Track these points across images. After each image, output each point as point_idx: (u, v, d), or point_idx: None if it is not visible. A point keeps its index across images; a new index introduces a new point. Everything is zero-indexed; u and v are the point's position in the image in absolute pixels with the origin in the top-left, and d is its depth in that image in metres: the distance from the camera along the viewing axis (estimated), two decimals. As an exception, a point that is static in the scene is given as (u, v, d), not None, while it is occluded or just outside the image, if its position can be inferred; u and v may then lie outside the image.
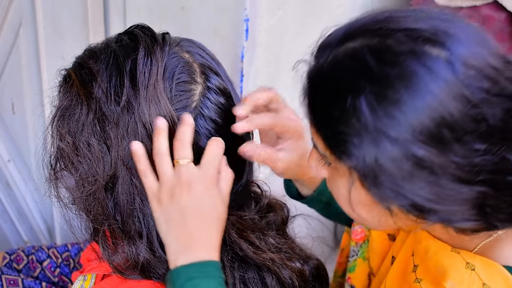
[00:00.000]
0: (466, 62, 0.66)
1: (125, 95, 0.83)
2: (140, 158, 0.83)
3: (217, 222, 0.83)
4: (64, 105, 0.86)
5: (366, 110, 0.66)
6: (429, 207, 0.69)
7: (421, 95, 0.65)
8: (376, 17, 0.72)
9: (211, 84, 0.88)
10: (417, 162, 0.66)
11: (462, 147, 0.66)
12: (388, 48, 0.67)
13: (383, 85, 0.66)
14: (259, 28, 1.37)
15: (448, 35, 0.67)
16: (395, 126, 0.66)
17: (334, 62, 0.71)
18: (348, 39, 0.71)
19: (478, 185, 0.68)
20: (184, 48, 0.89)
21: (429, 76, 0.65)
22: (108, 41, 0.89)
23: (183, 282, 0.78)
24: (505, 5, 1.61)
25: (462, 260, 0.77)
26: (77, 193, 0.87)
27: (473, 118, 0.66)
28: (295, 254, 0.98)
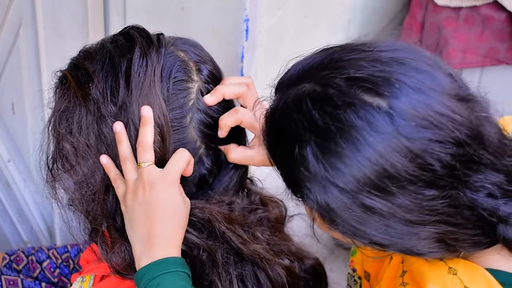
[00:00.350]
0: (406, 113, 0.66)
1: (121, 96, 0.83)
2: (110, 168, 0.85)
3: (176, 219, 0.84)
4: (61, 107, 0.86)
5: (312, 160, 0.68)
6: (387, 244, 0.72)
7: (361, 149, 0.66)
8: (326, 58, 0.72)
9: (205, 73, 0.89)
10: (366, 208, 0.68)
11: (408, 195, 0.67)
12: (330, 99, 0.68)
13: (325, 138, 0.67)
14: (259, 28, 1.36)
15: (389, 84, 0.67)
16: (340, 177, 0.67)
17: (283, 109, 0.72)
18: (298, 83, 0.72)
19: (431, 225, 0.69)
20: (179, 47, 0.90)
21: (368, 129, 0.66)
22: (104, 42, 0.89)
23: (146, 282, 0.79)
24: (505, 5, 1.61)
25: (444, 265, 0.77)
26: (76, 194, 0.87)
27: (418, 167, 0.66)
28: (289, 251, 0.98)
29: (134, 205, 0.83)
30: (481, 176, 0.70)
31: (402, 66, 0.69)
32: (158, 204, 0.82)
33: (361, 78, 0.68)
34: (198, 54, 0.91)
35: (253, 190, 1.01)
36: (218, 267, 0.87)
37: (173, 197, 0.84)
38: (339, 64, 0.71)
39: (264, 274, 0.90)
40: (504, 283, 0.74)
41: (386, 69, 0.68)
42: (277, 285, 0.92)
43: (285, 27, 1.46)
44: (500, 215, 0.71)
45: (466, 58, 1.72)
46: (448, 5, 1.68)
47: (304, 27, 1.53)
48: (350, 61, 0.70)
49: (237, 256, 0.90)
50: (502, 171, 0.71)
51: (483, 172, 0.70)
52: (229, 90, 0.89)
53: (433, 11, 1.72)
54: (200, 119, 0.88)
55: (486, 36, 1.68)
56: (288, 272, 0.95)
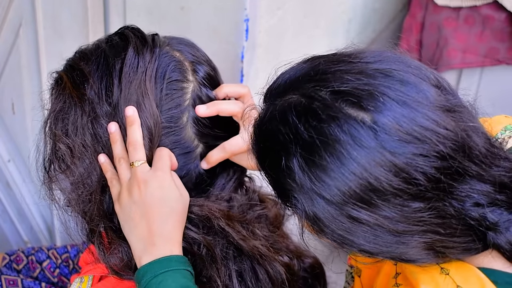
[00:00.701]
0: (390, 127, 0.66)
1: (115, 96, 0.84)
2: (107, 167, 0.86)
3: (174, 215, 0.84)
4: (57, 107, 0.86)
5: (299, 172, 0.69)
6: (376, 252, 0.72)
7: (345, 163, 0.67)
8: (312, 70, 0.73)
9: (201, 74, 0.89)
10: (353, 219, 0.69)
11: (393, 207, 0.68)
12: (314, 113, 0.68)
13: (311, 151, 0.68)
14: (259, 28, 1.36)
15: (373, 98, 0.67)
16: (326, 189, 0.68)
17: (270, 121, 0.73)
18: (285, 93, 0.73)
19: (418, 235, 0.70)
20: (174, 47, 0.90)
21: (352, 143, 0.66)
22: (99, 42, 0.90)
23: (148, 280, 0.79)
24: (505, 5, 1.61)
25: (437, 267, 0.77)
26: (73, 195, 0.87)
27: (402, 180, 0.67)
28: (287, 249, 0.99)
29: (130, 204, 0.83)
30: (466, 186, 0.70)
31: (387, 79, 0.69)
32: (154, 201, 0.83)
33: (346, 91, 0.68)
34: (193, 54, 0.91)
35: (251, 188, 1.01)
36: (217, 262, 0.87)
37: (169, 193, 0.84)
38: (324, 76, 0.71)
39: (264, 270, 0.91)
40: (497, 281, 0.75)
41: (371, 82, 0.68)
42: (277, 282, 0.92)
43: (285, 27, 1.46)
44: (488, 223, 0.72)
45: (466, 58, 1.72)
46: (448, 5, 1.68)
47: (304, 27, 1.52)
48: (335, 73, 0.70)
49: (236, 251, 0.90)
50: (489, 181, 0.71)
51: (469, 182, 0.70)
52: (225, 108, 0.90)
53: (433, 11, 1.72)
54: (197, 118, 0.89)
55: (486, 36, 1.68)
56: (287, 269, 0.95)
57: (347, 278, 1.08)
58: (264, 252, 0.91)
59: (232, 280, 0.88)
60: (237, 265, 0.90)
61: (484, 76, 1.77)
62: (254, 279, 0.90)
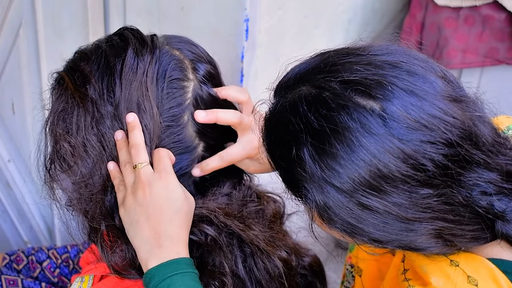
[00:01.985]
0: (398, 115, 0.68)
1: (117, 95, 0.84)
2: (115, 174, 0.86)
3: (180, 216, 0.84)
4: (59, 107, 0.86)
5: (309, 161, 0.70)
6: (385, 240, 0.73)
7: (355, 150, 0.68)
8: (322, 63, 0.74)
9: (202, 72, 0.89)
10: (363, 206, 0.70)
11: (402, 193, 0.69)
12: (324, 102, 0.70)
13: (321, 139, 0.69)
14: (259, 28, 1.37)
15: (382, 87, 0.69)
16: (336, 177, 0.69)
17: (281, 112, 0.74)
18: (295, 86, 0.74)
19: (427, 222, 0.71)
20: (174, 46, 0.90)
21: (361, 131, 0.68)
22: (99, 42, 0.90)
23: (156, 284, 0.79)
24: (505, 5, 1.61)
25: (446, 259, 0.78)
26: (74, 194, 0.87)
27: (411, 167, 0.68)
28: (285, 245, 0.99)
29: (135, 207, 0.83)
30: (474, 174, 0.71)
31: (395, 69, 0.70)
32: (159, 202, 0.83)
33: (355, 81, 0.70)
34: (193, 52, 0.91)
35: (249, 185, 1.01)
36: (222, 249, 0.88)
37: (174, 193, 0.84)
38: (334, 67, 0.72)
39: (261, 262, 0.91)
40: (507, 271, 0.76)
41: (380, 72, 0.70)
42: (274, 274, 0.92)
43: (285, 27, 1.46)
44: (496, 212, 0.73)
45: (466, 58, 1.72)
46: (448, 5, 1.68)
47: (304, 27, 1.53)
48: (345, 64, 0.72)
49: (239, 239, 0.91)
50: (496, 169, 0.73)
51: (476, 171, 0.71)
52: (223, 117, 0.90)
53: (433, 11, 1.72)
54: None
55: (486, 36, 1.68)
56: (285, 264, 0.95)
57: (347, 277, 1.08)
58: (262, 246, 0.91)
59: (238, 266, 0.89)
60: (241, 251, 0.91)
61: (484, 76, 1.77)
62: (255, 268, 0.91)
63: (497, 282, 0.74)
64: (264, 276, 0.92)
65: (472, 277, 0.75)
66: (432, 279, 0.77)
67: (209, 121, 0.89)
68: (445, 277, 0.76)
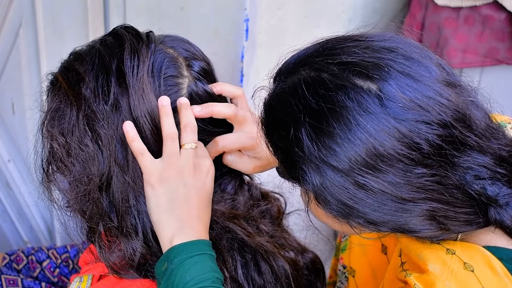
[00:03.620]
0: (394, 95, 0.70)
1: (112, 94, 0.84)
2: (134, 137, 0.85)
3: (210, 205, 0.89)
4: (53, 107, 0.87)
5: (307, 141, 0.71)
6: (380, 221, 0.74)
7: (352, 129, 0.69)
8: (321, 47, 0.77)
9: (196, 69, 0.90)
10: (359, 186, 0.71)
11: (397, 172, 0.70)
12: (322, 82, 0.72)
13: (318, 119, 0.71)
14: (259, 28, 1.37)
15: (379, 68, 0.71)
16: (333, 156, 0.70)
17: (280, 95, 0.76)
18: (294, 71, 0.76)
19: (422, 202, 0.72)
20: (168, 44, 0.91)
21: (358, 110, 0.69)
22: (93, 43, 0.90)
23: (184, 259, 0.81)
24: (505, 5, 1.61)
25: (442, 248, 0.80)
26: (71, 194, 0.87)
27: (406, 146, 0.69)
28: (290, 245, 0.99)
29: (178, 185, 0.85)
30: (468, 157, 0.73)
31: (392, 53, 0.73)
32: (206, 189, 0.87)
33: (353, 62, 0.72)
34: (187, 50, 0.92)
35: (253, 184, 1.01)
36: (223, 254, 0.88)
37: (211, 184, 0.88)
38: (332, 51, 0.74)
39: (267, 265, 0.91)
40: (503, 258, 0.77)
41: (377, 55, 0.72)
42: (280, 276, 0.92)
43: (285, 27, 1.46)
44: (488, 196, 0.74)
45: (466, 58, 1.72)
46: (448, 5, 1.68)
47: (304, 27, 1.53)
48: (343, 48, 0.74)
49: (240, 244, 0.91)
50: (489, 153, 0.74)
51: (470, 154, 0.73)
52: (218, 111, 0.91)
53: (433, 11, 1.72)
54: None
55: (486, 36, 1.68)
56: (294, 265, 0.96)
57: (340, 278, 1.08)
58: (269, 248, 0.91)
59: (237, 271, 0.89)
60: (242, 256, 0.91)
61: (484, 76, 1.77)
62: (257, 271, 0.91)
63: (492, 268, 0.76)
64: (268, 280, 0.92)
65: (468, 263, 0.77)
66: (429, 265, 0.78)
67: (204, 115, 0.90)
68: (441, 263, 0.77)
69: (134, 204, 0.86)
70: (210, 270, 0.81)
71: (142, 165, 0.85)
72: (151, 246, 0.86)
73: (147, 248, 0.86)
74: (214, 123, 0.93)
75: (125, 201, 0.86)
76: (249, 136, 0.94)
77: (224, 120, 0.94)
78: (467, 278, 0.76)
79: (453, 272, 0.76)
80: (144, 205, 0.86)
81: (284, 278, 0.93)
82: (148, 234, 0.86)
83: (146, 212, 0.86)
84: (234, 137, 0.93)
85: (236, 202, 0.96)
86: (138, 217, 0.86)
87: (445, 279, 0.76)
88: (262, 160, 0.96)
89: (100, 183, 0.86)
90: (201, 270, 0.80)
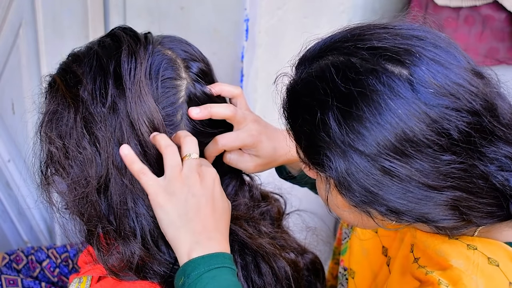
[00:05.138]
0: (426, 80, 0.70)
1: (110, 96, 0.84)
2: (133, 159, 0.83)
3: (226, 212, 0.86)
4: (51, 109, 0.86)
5: (334, 125, 0.70)
6: (404, 210, 0.73)
7: (382, 113, 0.69)
8: (349, 33, 0.76)
9: (194, 70, 0.90)
10: (385, 172, 0.70)
11: (426, 159, 0.70)
12: (352, 66, 0.71)
13: (347, 103, 0.70)
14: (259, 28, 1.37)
15: (410, 54, 0.71)
16: (361, 140, 0.70)
17: (306, 79, 0.75)
18: (320, 56, 0.75)
19: (447, 190, 0.72)
20: (166, 46, 0.90)
21: (389, 94, 0.69)
22: (91, 44, 0.90)
23: (201, 273, 0.78)
24: (505, 5, 1.61)
25: (462, 243, 0.79)
26: (69, 197, 0.87)
27: (435, 132, 0.69)
28: (290, 246, 0.99)
29: (187, 197, 0.82)
30: (494, 148, 0.72)
31: (422, 41, 0.73)
32: (216, 196, 0.84)
33: (384, 48, 0.71)
34: (186, 51, 0.91)
35: (253, 185, 1.01)
36: None
37: (221, 191, 0.87)
38: (362, 37, 0.74)
39: (268, 266, 0.91)
40: None
41: (407, 42, 0.72)
42: (281, 277, 0.92)
43: (285, 27, 1.46)
44: (509, 189, 0.74)
45: (466, 58, 1.72)
46: (448, 5, 1.68)
47: (304, 27, 1.53)
48: (373, 34, 0.74)
49: (240, 245, 0.91)
50: None
51: (496, 144, 0.73)
52: (217, 111, 0.90)
53: (433, 11, 1.72)
54: None
55: (486, 36, 1.68)
56: (294, 266, 0.96)
57: (341, 280, 1.08)
58: (270, 250, 0.91)
59: (237, 273, 0.88)
60: (242, 258, 0.90)
61: (484, 76, 1.77)
62: (257, 273, 0.91)
63: None
64: (268, 281, 0.91)
65: (492, 258, 0.76)
66: (452, 261, 0.77)
67: (203, 117, 0.89)
68: (465, 259, 0.77)
69: (132, 207, 0.85)
70: (230, 284, 0.78)
71: (146, 186, 0.82)
72: (150, 249, 0.86)
73: (146, 250, 0.86)
74: (214, 124, 0.92)
75: (123, 204, 0.85)
76: (249, 133, 0.93)
77: (224, 121, 0.94)
78: (493, 273, 0.75)
79: (479, 267, 0.76)
80: (142, 208, 0.85)
81: (284, 280, 0.93)
82: (147, 237, 0.86)
83: (144, 214, 0.85)
84: (234, 135, 0.93)
85: (237, 203, 0.95)
86: (136, 219, 0.86)
87: (471, 273, 0.75)
88: (263, 158, 0.96)
89: (98, 185, 0.86)
90: (220, 285, 0.77)
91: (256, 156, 0.95)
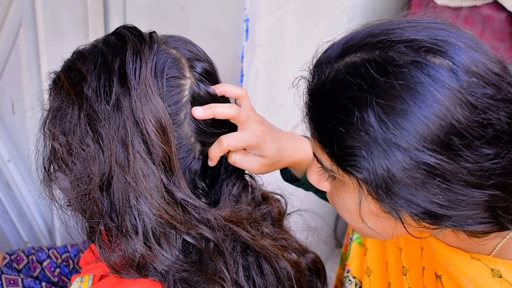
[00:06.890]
0: (468, 69, 0.67)
1: (114, 94, 0.84)
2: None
3: None
4: (55, 106, 0.87)
5: (374, 123, 0.67)
6: (442, 213, 0.70)
7: (428, 104, 0.66)
8: (373, 30, 0.73)
9: (198, 70, 0.90)
10: (429, 170, 0.67)
11: (472, 153, 0.67)
12: (391, 60, 0.68)
13: (389, 97, 0.67)
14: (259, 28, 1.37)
15: (448, 44, 0.68)
16: (404, 136, 0.66)
17: (336, 77, 0.71)
18: (347, 54, 0.72)
19: (489, 189, 0.68)
20: (171, 45, 0.90)
21: (434, 85, 0.66)
22: (96, 43, 0.90)
23: None
24: (505, 5, 1.61)
25: (486, 268, 0.77)
26: (72, 193, 0.87)
27: (480, 123, 0.66)
28: (292, 246, 0.99)
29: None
30: None
31: (451, 33, 0.71)
32: None
33: (420, 39, 0.69)
34: (190, 51, 0.91)
35: (255, 186, 1.01)
36: (224, 256, 0.88)
37: None
38: (392, 31, 0.71)
39: (270, 267, 0.91)
40: None
41: (440, 33, 0.70)
42: (283, 278, 0.92)
43: (285, 27, 1.46)
44: None
45: (466, 58, 1.72)
46: (448, 5, 1.68)
47: (304, 27, 1.53)
48: (403, 28, 0.71)
49: (243, 246, 0.91)
50: None
51: None
52: (221, 111, 0.90)
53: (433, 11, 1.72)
54: None
55: (486, 36, 1.68)
56: (296, 267, 0.96)
57: (345, 282, 1.08)
58: (272, 251, 0.91)
59: (238, 274, 0.89)
60: (244, 259, 0.90)
61: (484, 76, 1.77)
62: (259, 274, 0.91)
63: None
64: (270, 282, 0.91)
65: None
66: None
67: (207, 117, 0.89)
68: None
69: (135, 204, 0.86)
70: None
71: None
72: (152, 247, 0.86)
73: (147, 248, 0.86)
74: (218, 124, 0.93)
75: (126, 201, 0.86)
76: (253, 133, 0.93)
77: (228, 121, 0.94)
78: None
79: None
80: (144, 206, 0.86)
81: (287, 281, 0.93)
82: (149, 234, 0.86)
83: (146, 212, 0.86)
84: (238, 135, 0.93)
85: (240, 204, 0.95)
86: (139, 217, 0.86)
87: None
88: (268, 159, 0.95)
89: (100, 182, 0.86)
90: None
91: (260, 156, 0.95)
